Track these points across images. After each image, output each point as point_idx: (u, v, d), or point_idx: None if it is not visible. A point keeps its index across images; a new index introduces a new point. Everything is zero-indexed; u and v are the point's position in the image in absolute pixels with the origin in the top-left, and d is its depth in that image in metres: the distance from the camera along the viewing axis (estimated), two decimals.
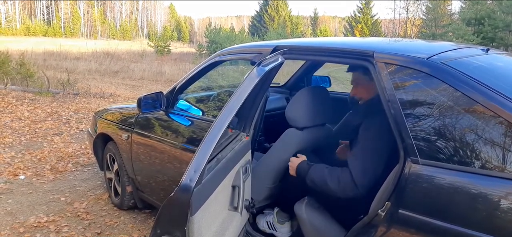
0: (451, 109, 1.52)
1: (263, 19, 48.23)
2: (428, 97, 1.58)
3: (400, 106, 1.60)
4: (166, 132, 2.65)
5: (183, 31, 72.83)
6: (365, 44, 2.04)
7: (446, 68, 1.60)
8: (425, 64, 1.64)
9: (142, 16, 72.13)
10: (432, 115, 1.55)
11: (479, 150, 1.43)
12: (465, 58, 1.81)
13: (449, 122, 1.51)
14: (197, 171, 1.30)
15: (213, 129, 1.37)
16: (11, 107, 7.24)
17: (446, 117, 1.52)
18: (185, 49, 38.32)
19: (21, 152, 4.84)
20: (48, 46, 28.01)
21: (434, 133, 1.53)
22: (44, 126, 6.21)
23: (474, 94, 1.48)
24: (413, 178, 1.52)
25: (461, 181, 1.42)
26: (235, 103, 1.43)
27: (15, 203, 3.38)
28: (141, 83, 14.55)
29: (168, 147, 2.57)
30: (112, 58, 22.93)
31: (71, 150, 4.99)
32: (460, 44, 2.32)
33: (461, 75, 1.56)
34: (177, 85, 2.64)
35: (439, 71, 1.59)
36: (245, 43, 2.67)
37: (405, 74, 1.66)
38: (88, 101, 8.51)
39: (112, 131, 3.12)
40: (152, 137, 2.70)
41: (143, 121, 2.81)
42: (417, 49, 1.99)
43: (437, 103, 1.55)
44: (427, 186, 1.48)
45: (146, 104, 2.52)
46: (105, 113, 3.37)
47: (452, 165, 1.45)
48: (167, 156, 2.60)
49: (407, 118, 1.57)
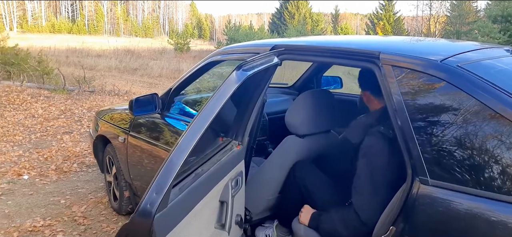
0: (468, 121, 1.30)
1: (283, 17, 47.86)
2: (441, 106, 1.36)
3: (408, 116, 1.38)
4: (161, 136, 2.50)
5: (203, 28, 73.13)
6: (370, 44, 1.83)
7: (463, 73, 1.37)
8: (438, 67, 1.42)
9: (164, 14, 72.82)
10: (445, 127, 1.33)
11: (502, 171, 1.21)
12: (486, 61, 1.58)
13: (466, 137, 1.29)
14: (159, 193, 1.13)
15: (180, 143, 1.20)
16: (25, 104, 7.28)
17: (462, 130, 1.30)
18: (205, 47, 38.42)
19: (29, 151, 4.81)
20: (72, 43, 28.54)
21: (447, 149, 1.31)
22: (56, 124, 6.20)
23: (495, 104, 1.26)
24: (421, 200, 1.31)
25: (479, 207, 1.20)
26: (210, 111, 1.25)
27: (14, 205, 3.31)
28: (158, 81, 14.58)
29: (164, 152, 2.42)
30: (132, 55, 23.16)
31: (78, 149, 4.92)
32: (482, 43, 2.07)
33: (480, 80, 1.33)
34: (172, 87, 2.49)
35: (454, 76, 1.37)
36: (244, 42, 2.49)
37: (415, 78, 1.44)
38: (102, 98, 8.50)
39: (110, 133, 3.00)
40: (147, 141, 2.56)
41: (139, 124, 2.67)
42: (431, 49, 1.77)
43: (451, 114, 1.33)
44: (438, 211, 1.27)
45: (139, 106, 2.37)
46: (106, 114, 3.25)
47: (469, 188, 1.23)
48: (163, 161, 2.44)
49: (416, 131, 1.36)
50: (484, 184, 1.22)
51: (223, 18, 74.63)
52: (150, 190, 1.14)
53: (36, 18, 63.14)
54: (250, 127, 1.90)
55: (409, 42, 1.93)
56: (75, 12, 67.48)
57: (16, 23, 57.67)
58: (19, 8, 59.28)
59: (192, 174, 1.42)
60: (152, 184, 1.15)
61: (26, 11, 61.84)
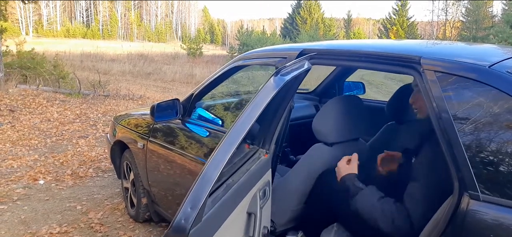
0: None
1: (295, 22, 47.81)
2: (491, 114, 1.25)
3: (454, 125, 1.28)
4: (182, 143, 2.43)
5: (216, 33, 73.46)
6: (409, 48, 1.72)
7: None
8: (487, 73, 1.31)
9: (177, 19, 73.36)
10: (496, 138, 1.23)
11: None
12: None
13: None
14: (194, 208, 1.04)
15: (217, 153, 1.11)
16: (41, 108, 7.31)
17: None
18: (217, 52, 38.53)
19: (44, 155, 4.79)
20: (86, 47, 28.88)
21: (499, 162, 1.20)
22: (71, 128, 6.20)
23: None
24: (471, 217, 1.20)
25: None
26: (247, 119, 1.17)
27: (31, 210, 3.27)
28: (172, 85, 14.61)
29: (184, 158, 2.35)
30: (145, 60, 23.32)
31: (94, 154, 4.89)
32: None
33: None
34: (194, 92, 2.41)
35: (506, 83, 1.27)
36: (270, 46, 2.41)
37: (461, 85, 1.34)
38: (117, 103, 8.51)
39: (129, 139, 2.94)
40: (167, 147, 2.49)
41: (159, 130, 2.61)
42: (475, 54, 1.65)
43: (503, 123, 1.23)
44: (491, 231, 1.16)
45: (160, 112, 2.31)
46: (124, 119, 3.20)
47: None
48: (183, 169, 2.37)
49: (463, 141, 1.25)
50: None
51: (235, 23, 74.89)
52: (185, 204, 1.05)
53: (51, 23, 64.19)
54: (277, 134, 1.81)
55: (450, 46, 1.83)
56: (90, 17, 68.44)
57: (31, 28, 58.68)
58: (35, 13, 60.34)
59: (224, 185, 1.34)
60: (187, 197, 1.06)
61: (42, 16, 62.92)
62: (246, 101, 2.82)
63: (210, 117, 2.49)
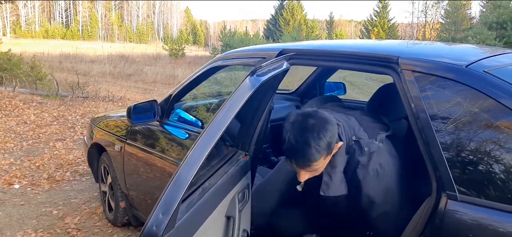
0: (498, 130, 1.20)
1: (278, 23, 47.97)
2: (468, 114, 1.26)
3: (431, 125, 1.28)
4: (160, 145, 2.37)
5: (198, 34, 73.06)
6: (388, 48, 1.72)
7: (492, 79, 1.27)
8: (464, 73, 1.32)
9: (159, 20, 72.63)
10: (474, 138, 1.23)
11: None
12: (508, 67, 1.48)
13: (497, 148, 1.19)
14: (166, 214, 1.00)
15: (191, 155, 1.08)
16: (17, 111, 7.11)
17: (493, 140, 1.20)
18: (199, 53, 38.28)
19: (20, 159, 4.65)
20: (65, 48, 28.30)
21: (478, 161, 1.21)
22: (48, 131, 6.04)
23: None
24: (449, 218, 1.20)
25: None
26: (223, 120, 1.14)
27: (5, 216, 3.15)
28: (153, 86, 14.43)
29: (162, 161, 2.30)
30: (126, 61, 22.99)
31: (71, 157, 4.77)
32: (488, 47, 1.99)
33: (509, 86, 1.24)
34: (173, 93, 2.37)
35: (482, 82, 1.27)
36: (250, 46, 2.38)
37: (438, 85, 1.34)
38: (96, 104, 8.34)
39: (106, 141, 2.87)
40: (145, 150, 2.43)
41: (137, 132, 2.55)
42: (453, 54, 1.66)
43: (480, 122, 1.23)
44: (470, 230, 1.16)
45: (137, 113, 2.25)
46: (101, 121, 3.12)
47: (502, 204, 1.13)
48: (161, 172, 2.32)
49: (441, 141, 1.25)
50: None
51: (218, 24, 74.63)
52: (156, 210, 1.01)
53: (30, 23, 62.74)
54: (256, 136, 1.78)
55: (430, 46, 1.83)
56: (69, 17, 67.16)
57: (9, 29, 57.25)
58: (13, 13, 58.89)
59: (200, 189, 1.30)
60: (158, 203, 1.02)
61: (20, 17, 61.44)
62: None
63: (189, 119, 2.44)
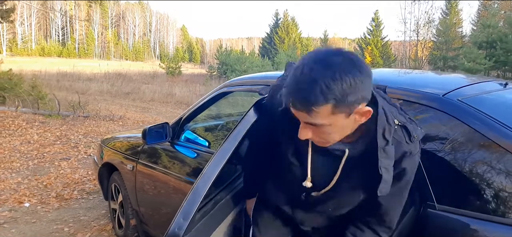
0: (471, 149, 1.44)
1: (274, 41, 48.64)
2: (445, 136, 1.50)
3: None
4: (171, 164, 2.57)
5: (194, 52, 73.69)
6: (377, 77, 1.95)
7: (464, 106, 1.50)
8: (441, 101, 1.55)
9: (155, 38, 73.28)
10: (451, 155, 1.46)
11: (499, 195, 1.34)
12: (483, 95, 1.72)
13: (471, 164, 1.41)
14: (186, 219, 1.23)
15: (206, 171, 1.30)
16: (21, 130, 7.27)
17: (464, 157, 1.44)
18: (196, 70, 38.70)
19: (27, 178, 4.81)
20: (62, 66, 28.54)
21: (453, 175, 1.44)
22: (52, 150, 6.20)
23: (491, 134, 1.39)
24: (430, 226, 1.41)
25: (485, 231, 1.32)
26: (232, 142, 1.36)
27: (19, 233, 3.31)
28: (151, 105, 14.63)
29: (173, 179, 2.49)
30: (124, 79, 23.18)
31: (77, 176, 4.94)
32: (475, 77, 2.23)
33: (478, 113, 1.47)
34: (183, 116, 2.58)
35: (456, 109, 1.50)
36: (253, 73, 2.61)
37: (421, 111, 1.57)
38: (97, 124, 8.52)
39: (118, 161, 3.06)
40: (157, 169, 2.63)
41: (149, 152, 2.74)
42: (434, 83, 1.90)
43: (455, 143, 1.46)
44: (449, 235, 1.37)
45: (151, 135, 2.46)
46: (111, 142, 3.32)
47: (475, 212, 1.35)
48: (172, 189, 2.52)
49: (422, 158, 1.47)
50: (485, 208, 1.34)
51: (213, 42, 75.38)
52: (178, 215, 1.23)
53: (26, 41, 63.06)
54: None
55: (416, 76, 2.07)
56: (66, 35, 67.55)
57: (5, 46, 57.46)
58: (9, 31, 59.19)
59: (212, 201, 1.51)
60: (180, 209, 1.24)
61: (16, 35, 61.78)
62: (232, 122, 2.99)
63: (197, 139, 2.65)
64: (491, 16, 15.92)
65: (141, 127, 8.83)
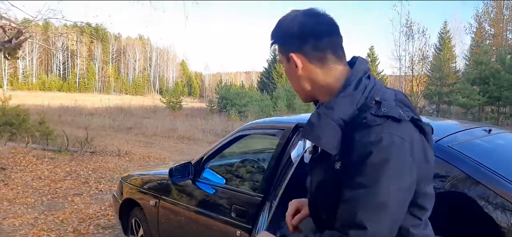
0: (458, 186, 1.73)
1: (272, 76, 49.38)
2: (438, 176, 1.79)
3: None
4: (192, 200, 2.83)
5: (193, 86, 74.58)
6: None
7: (453, 151, 1.80)
8: (434, 147, 1.84)
9: (155, 72, 74.34)
10: (441, 191, 1.75)
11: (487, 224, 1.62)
12: (470, 140, 2.02)
13: (458, 197, 1.71)
14: None
15: None
16: (31, 166, 7.49)
17: (455, 193, 1.72)
18: (196, 104, 39.16)
19: (43, 213, 5.01)
20: (63, 100, 28.88)
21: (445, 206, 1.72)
22: (64, 186, 6.41)
23: (479, 176, 1.67)
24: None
25: None
26: None
27: None
28: (154, 140, 14.85)
29: (194, 214, 2.75)
30: (125, 114, 23.47)
31: (91, 211, 5.15)
32: (466, 123, 2.54)
33: (465, 157, 1.76)
34: (204, 156, 2.86)
35: (446, 154, 1.79)
36: (269, 118, 2.91)
37: None
38: (105, 159, 8.75)
39: (139, 197, 3.31)
40: (178, 204, 2.88)
41: (171, 188, 3.00)
42: None
43: (446, 182, 1.75)
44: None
45: (177, 173, 2.73)
46: (132, 179, 3.57)
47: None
48: (193, 223, 2.77)
49: None
50: None
51: (213, 76, 76.37)
52: None
53: (27, 75, 63.83)
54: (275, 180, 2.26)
55: None
56: (67, 70, 68.45)
57: (6, 81, 58.04)
58: (11, 66, 59.95)
59: None
60: None
61: (18, 69, 62.58)
62: (248, 161, 3.26)
63: (216, 177, 2.92)
64: (483, 53, 16.50)
65: (148, 162, 9.08)
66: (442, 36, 38.47)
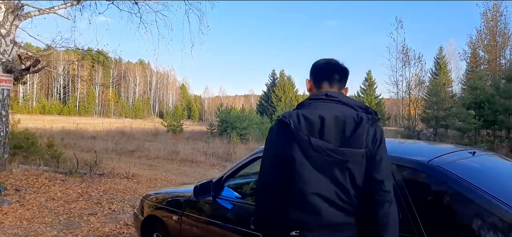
0: (448, 200, 2.08)
1: (271, 99, 50.00)
2: (430, 192, 2.14)
3: (409, 198, 2.13)
4: (213, 215, 3.16)
5: (193, 109, 75.08)
6: None
7: (442, 170, 2.15)
8: (425, 166, 2.20)
9: (155, 96, 74.98)
10: (434, 205, 2.11)
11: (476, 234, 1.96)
12: (457, 161, 2.38)
13: (449, 211, 2.05)
14: None
15: None
16: (44, 188, 7.77)
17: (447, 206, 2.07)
18: (196, 127, 39.50)
19: (62, 231, 5.29)
20: (64, 124, 29.17)
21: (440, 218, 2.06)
22: (77, 206, 6.69)
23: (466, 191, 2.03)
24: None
25: None
26: None
27: None
28: (157, 162, 15.13)
29: (215, 227, 3.08)
30: (128, 137, 23.74)
31: (107, 229, 5.43)
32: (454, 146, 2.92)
33: (453, 174, 2.12)
34: (223, 175, 3.21)
35: (437, 173, 2.15)
36: None
37: (412, 173, 2.22)
38: (114, 181, 9.03)
39: (162, 213, 3.63)
40: (200, 218, 3.21)
41: (192, 204, 3.34)
42: (423, 152, 2.59)
43: (439, 197, 2.11)
44: None
45: (201, 191, 3.08)
46: (152, 197, 3.90)
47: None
48: (214, 234, 3.10)
49: (415, 206, 2.10)
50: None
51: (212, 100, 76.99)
52: None
53: (27, 99, 64.26)
54: None
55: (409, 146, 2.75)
56: (67, 94, 68.97)
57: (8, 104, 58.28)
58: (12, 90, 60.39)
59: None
60: None
61: (18, 93, 63.03)
62: None
63: (233, 193, 3.26)
64: (478, 79, 17.02)
65: (156, 184, 9.33)
66: (438, 61, 39.29)
